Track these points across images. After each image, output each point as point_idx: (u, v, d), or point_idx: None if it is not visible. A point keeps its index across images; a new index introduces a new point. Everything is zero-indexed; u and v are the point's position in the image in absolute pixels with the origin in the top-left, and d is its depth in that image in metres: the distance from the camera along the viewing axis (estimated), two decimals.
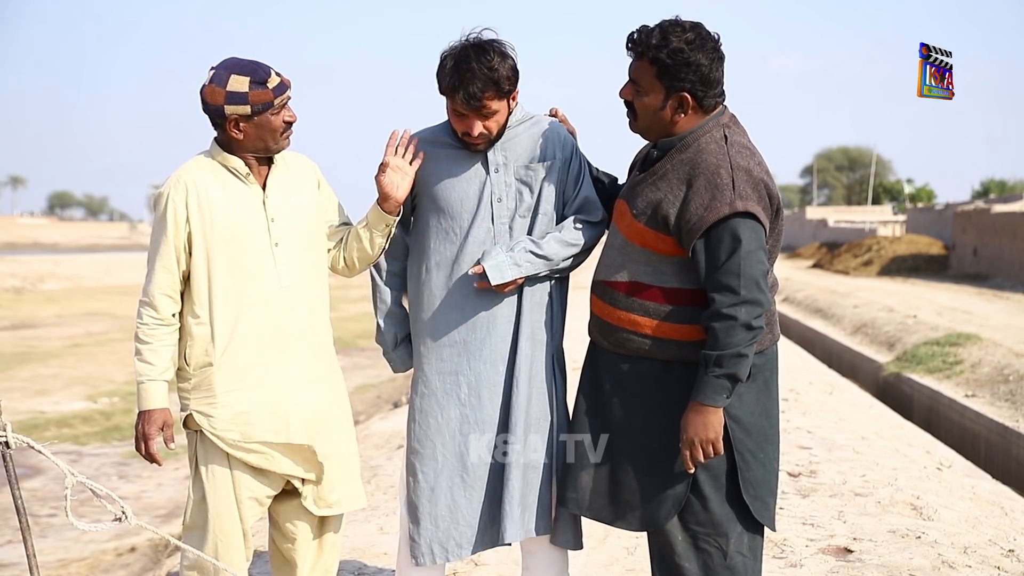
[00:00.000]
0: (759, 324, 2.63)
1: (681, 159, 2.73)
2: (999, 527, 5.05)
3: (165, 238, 2.92)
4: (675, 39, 2.67)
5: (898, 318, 15.33)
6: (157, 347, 2.92)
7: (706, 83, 2.70)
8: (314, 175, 3.13)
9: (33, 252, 57.94)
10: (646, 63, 2.72)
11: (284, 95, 2.92)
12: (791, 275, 28.07)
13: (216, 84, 2.86)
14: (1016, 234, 23.50)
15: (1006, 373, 10.38)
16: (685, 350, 2.74)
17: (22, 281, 33.14)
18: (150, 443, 2.92)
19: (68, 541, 7.09)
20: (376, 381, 13.87)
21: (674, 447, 2.74)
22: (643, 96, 2.75)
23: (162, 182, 2.98)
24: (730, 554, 2.76)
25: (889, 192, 59.95)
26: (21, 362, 15.68)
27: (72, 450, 9.94)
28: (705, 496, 2.75)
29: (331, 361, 3.13)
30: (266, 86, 2.87)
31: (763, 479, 2.79)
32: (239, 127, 2.89)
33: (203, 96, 2.89)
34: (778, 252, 2.84)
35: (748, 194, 2.63)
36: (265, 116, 2.89)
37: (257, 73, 2.87)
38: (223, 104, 2.85)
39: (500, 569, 4.22)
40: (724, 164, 2.66)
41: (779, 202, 2.74)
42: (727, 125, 2.76)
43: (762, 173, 2.70)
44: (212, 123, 2.94)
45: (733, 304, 2.60)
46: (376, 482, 5.88)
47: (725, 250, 2.61)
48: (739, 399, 2.74)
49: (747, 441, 2.75)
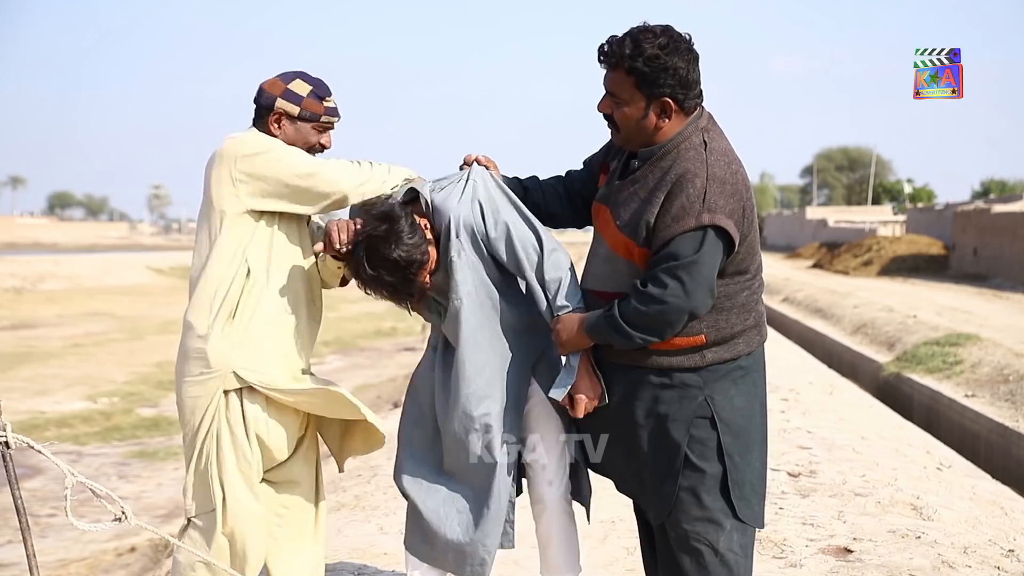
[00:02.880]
0: (663, 327, 2.66)
1: (661, 167, 2.73)
2: (999, 527, 5.05)
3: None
4: (648, 46, 2.65)
5: (898, 318, 15.33)
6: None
7: (685, 85, 2.70)
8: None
9: (33, 252, 57.90)
10: (622, 74, 2.70)
11: (333, 119, 3.06)
12: (791, 275, 28.07)
13: (281, 79, 3.01)
14: (1016, 234, 23.51)
15: (1006, 373, 10.38)
16: (675, 359, 2.76)
17: (22, 281, 33.14)
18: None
19: (68, 541, 7.10)
20: (376, 381, 13.88)
21: (664, 451, 2.79)
22: (623, 107, 2.73)
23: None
24: (721, 552, 2.80)
25: (889, 192, 59.92)
26: (21, 362, 15.69)
27: (72, 450, 9.94)
28: (696, 496, 2.78)
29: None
30: (323, 101, 3.02)
31: (748, 479, 2.82)
32: (280, 123, 3.01)
33: (262, 86, 3.02)
34: (756, 253, 2.83)
35: (719, 206, 2.63)
36: (307, 126, 3.02)
37: (321, 87, 3.04)
38: (278, 96, 2.99)
39: (500, 569, 4.22)
40: (701, 173, 2.66)
41: (752, 210, 2.75)
42: (706, 128, 2.76)
43: (738, 182, 2.70)
44: (257, 113, 3.04)
45: (656, 299, 2.63)
46: (376, 482, 5.87)
47: (678, 254, 2.63)
48: (729, 402, 2.77)
49: (735, 443, 2.78)
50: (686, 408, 2.76)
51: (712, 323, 2.74)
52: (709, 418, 2.76)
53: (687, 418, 2.76)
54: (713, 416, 2.75)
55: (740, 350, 2.79)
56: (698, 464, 2.76)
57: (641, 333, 2.68)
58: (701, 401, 2.76)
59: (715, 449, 2.76)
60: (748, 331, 2.80)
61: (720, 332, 2.74)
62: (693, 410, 2.76)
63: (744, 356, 2.80)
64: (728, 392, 2.77)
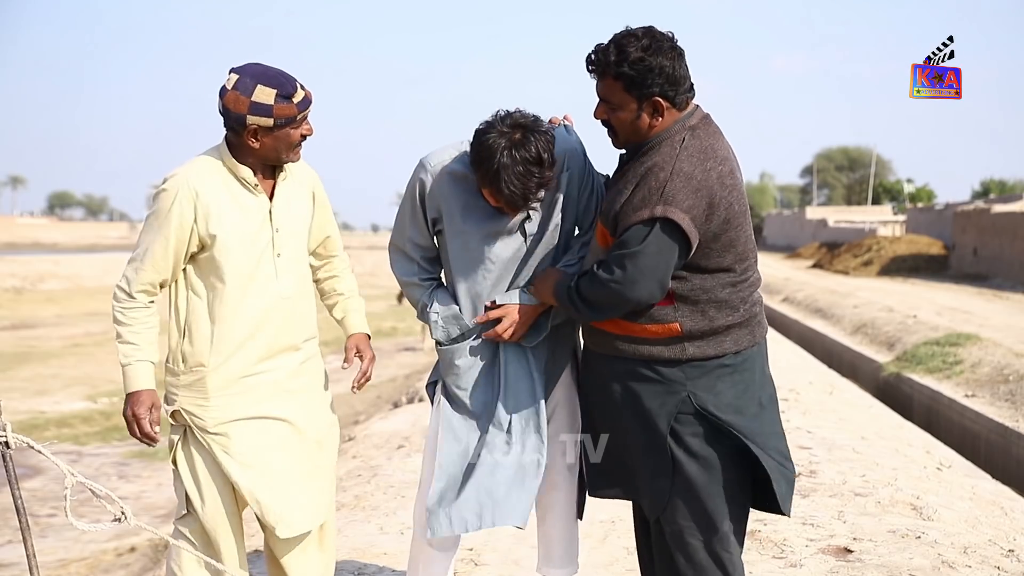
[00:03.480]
0: (603, 308, 2.77)
1: (640, 162, 2.78)
2: (999, 527, 5.05)
3: (165, 240, 2.88)
4: (632, 49, 2.71)
5: (898, 318, 15.33)
6: (138, 328, 2.92)
7: (673, 82, 2.74)
8: (311, 183, 3.12)
9: (33, 252, 57.94)
10: (611, 80, 2.76)
11: (307, 110, 2.89)
12: (791, 275, 28.08)
13: (241, 92, 2.81)
14: (1016, 234, 23.51)
15: (1006, 373, 10.38)
16: (654, 348, 2.79)
17: (22, 281, 33.16)
18: (142, 423, 2.90)
19: (68, 541, 7.10)
20: (376, 382, 13.88)
21: (656, 444, 2.81)
22: (617, 112, 2.79)
23: (168, 175, 2.92)
24: (715, 548, 2.81)
25: (889, 192, 59.94)
26: (21, 362, 15.69)
27: (72, 450, 9.95)
28: (691, 491, 2.79)
29: (318, 362, 3.15)
30: (291, 100, 2.83)
31: (777, 470, 2.81)
32: (257, 137, 2.86)
33: (225, 102, 2.83)
34: (749, 253, 2.82)
35: (676, 200, 2.66)
36: (285, 130, 2.86)
37: (284, 87, 2.82)
38: (246, 113, 2.81)
39: (500, 569, 4.22)
40: (666, 168, 2.70)
41: (731, 210, 2.73)
42: (693, 127, 2.78)
43: (710, 180, 2.70)
44: (227, 127, 2.89)
45: (600, 281, 2.73)
46: (376, 482, 5.87)
47: (628, 243, 2.70)
48: (715, 397, 2.78)
49: (726, 438, 2.78)
50: (668, 403, 2.78)
51: (687, 313, 2.76)
52: (693, 413, 2.78)
53: (670, 413, 2.78)
54: (697, 411, 2.77)
55: (726, 348, 2.79)
56: (687, 460, 2.78)
57: (588, 309, 2.80)
58: (684, 396, 2.78)
59: (705, 444, 2.78)
60: (735, 328, 2.80)
61: (697, 325, 2.76)
62: (676, 405, 2.78)
63: (731, 355, 2.80)
64: (714, 387, 2.78)
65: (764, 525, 4.53)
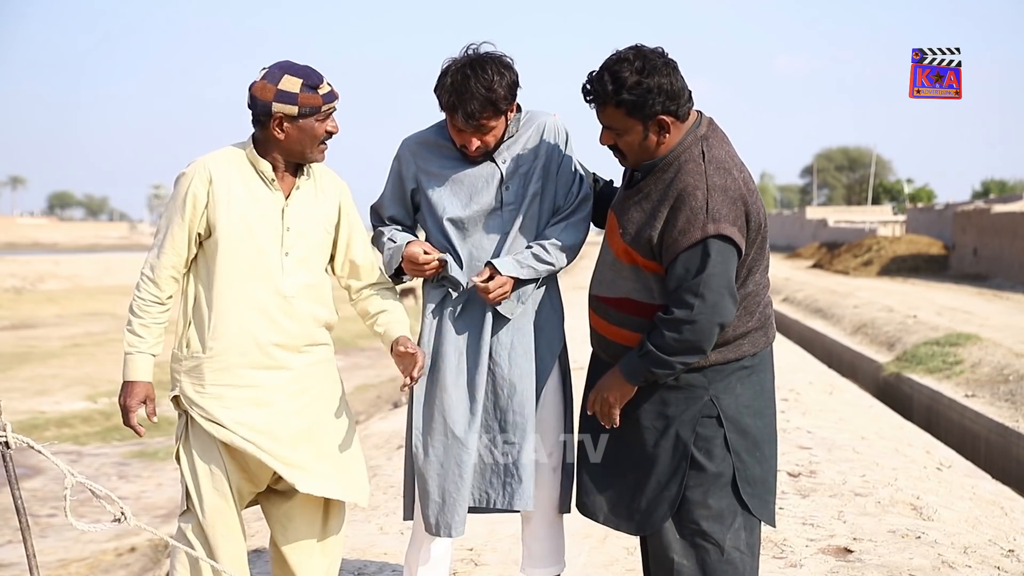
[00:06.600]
0: (701, 344, 2.69)
1: (663, 179, 2.76)
2: (999, 527, 5.05)
3: (181, 220, 2.95)
4: (627, 74, 2.69)
5: (898, 318, 15.32)
6: (148, 322, 2.99)
7: (674, 97, 2.73)
8: (338, 193, 3.14)
9: (33, 252, 57.92)
10: (611, 108, 2.75)
11: (332, 103, 2.95)
12: (791, 275, 28.07)
13: (268, 81, 2.89)
14: (1016, 234, 23.50)
15: (1006, 373, 10.37)
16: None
17: (22, 281, 33.13)
18: (130, 415, 2.97)
19: (68, 541, 7.09)
20: (376, 381, 13.88)
21: (666, 452, 2.81)
22: (623, 136, 2.78)
23: (190, 162, 3.00)
24: (727, 551, 2.81)
25: (889, 192, 59.92)
26: (21, 362, 15.67)
27: (72, 450, 9.94)
28: (701, 495, 2.80)
29: (328, 369, 3.13)
30: (317, 91, 2.91)
31: (760, 477, 2.84)
32: (282, 127, 2.91)
33: (252, 91, 2.92)
34: (765, 259, 2.85)
35: (722, 215, 2.66)
36: (310, 121, 2.91)
37: (310, 77, 2.91)
38: (272, 101, 2.88)
39: (500, 569, 4.22)
40: (701, 186, 2.69)
41: (760, 215, 2.76)
42: (705, 137, 2.78)
43: (740, 188, 2.72)
44: (254, 119, 2.96)
45: (685, 321, 2.66)
46: (376, 482, 5.88)
47: (692, 270, 2.67)
48: (735, 400, 2.80)
49: (742, 441, 2.81)
50: (692, 408, 2.79)
51: None
52: (715, 417, 2.79)
53: (693, 418, 2.79)
54: (719, 415, 2.78)
55: (745, 351, 2.82)
56: (705, 463, 2.79)
57: (680, 358, 2.71)
58: (707, 401, 2.79)
59: (723, 447, 2.79)
60: (752, 332, 2.82)
61: (722, 334, 2.76)
62: (699, 409, 2.79)
63: (748, 356, 2.82)
64: (734, 390, 2.80)
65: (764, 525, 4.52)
